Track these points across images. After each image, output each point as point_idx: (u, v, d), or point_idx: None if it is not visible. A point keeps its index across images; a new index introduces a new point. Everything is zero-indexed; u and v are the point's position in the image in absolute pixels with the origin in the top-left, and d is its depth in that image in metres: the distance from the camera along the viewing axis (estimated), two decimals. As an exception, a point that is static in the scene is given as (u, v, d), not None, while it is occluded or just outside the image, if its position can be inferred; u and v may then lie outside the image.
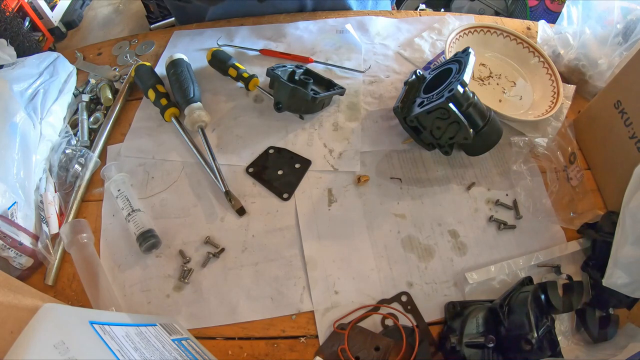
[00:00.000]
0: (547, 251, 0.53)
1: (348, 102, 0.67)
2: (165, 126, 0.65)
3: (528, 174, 0.59)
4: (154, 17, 1.84)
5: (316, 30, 0.77)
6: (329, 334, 0.48)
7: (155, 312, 0.51)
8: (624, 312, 0.49)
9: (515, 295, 0.47)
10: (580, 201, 0.57)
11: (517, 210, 0.56)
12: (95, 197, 0.60)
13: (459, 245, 0.54)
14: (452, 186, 0.58)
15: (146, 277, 0.53)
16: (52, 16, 1.68)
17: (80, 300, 0.52)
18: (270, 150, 0.62)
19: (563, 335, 0.48)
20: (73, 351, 0.29)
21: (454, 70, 0.56)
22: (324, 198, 0.57)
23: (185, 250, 0.54)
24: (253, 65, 0.71)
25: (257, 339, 0.49)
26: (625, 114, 0.52)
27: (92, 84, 0.72)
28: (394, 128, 0.63)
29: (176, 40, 0.78)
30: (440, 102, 0.51)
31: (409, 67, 0.71)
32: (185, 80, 0.64)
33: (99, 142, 0.63)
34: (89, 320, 0.34)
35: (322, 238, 0.54)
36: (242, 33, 0.78)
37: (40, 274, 0.54)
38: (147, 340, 0.38)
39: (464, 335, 0.44)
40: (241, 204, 0.57)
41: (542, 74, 0.67)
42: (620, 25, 0.62)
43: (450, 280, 0.51)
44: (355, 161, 0.60)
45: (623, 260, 0.43)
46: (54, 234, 0.55)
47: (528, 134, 0.62)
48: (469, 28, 0.69)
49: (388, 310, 0.49)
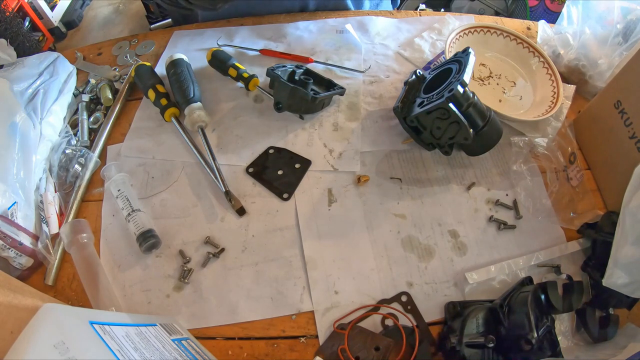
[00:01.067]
0: (547, 251, 0.53)
1: (348, 102, 0.67)
2: (165, 126, 0.65)
3: (528, 174, 0.59)
4: (154, 17, 1.84)
5: (316, 30, 0.77)
6: (329, 334, 0.48)
7: (155, 312, 0.51)
8: (624, 312, 0.49)
9: (515, 295, 0.47)
10: (580, 201, 0.57)
11: (517, 210, 0.56)
12: (95, 197, 0.60)
13: (459, 245, 0.54)
14: (452, 186, 0.58)
15: (146, 277, 0.53)
16: (52, 16, 1.68)
17: (80, 300, 0.52)
18: (270, 150, 0.62)
19: (563, 335, 0.48)
20: (73, 351, 0.29)
21: (454, 70, 0.56)
22: (324, 198, 0.58)
23: (185, 250, 0.54)
24: (253, 65, 0.71)
25: (257, 339, 0.49)
26: (625, 114, 0.52)
27: (92, 84, 0.72)
28: (394, 128, 0.63)
29: (176, 40, 0.78)
30: (440, 102, 0.51)
31: (409, 67, 0.71)
32: (185, 80, 0.64)
33: (99, 142, 0.63)
34: (89, 320, 0.34)
35: (322, 238, 0.54)
36: (242, 33, 0.78)
37: (40, 274, 0.54)
38: (147, 340, 0.38)
39: (464, 335, 0.44)
40: (241, 204, 0.57)
41: (542, 74, 0.67)
42: (620, 25, 0.62)
43: (450, 280, 0.51)
44: (355, 161, 0.60)
45: (623, 260, 0.43)
46: (54, 234, 0.54)
47: (528, 134, 0.62)
48: (469, 28, 0.69)
49: (388, 310, 0.49)
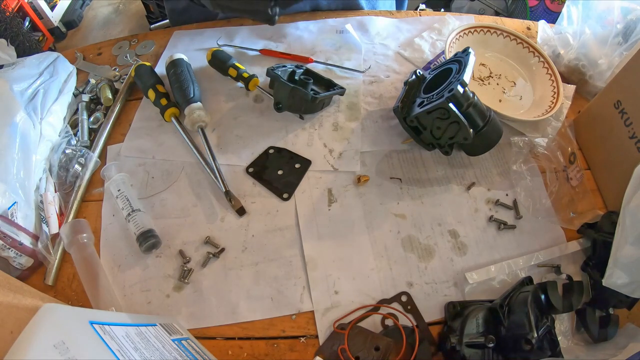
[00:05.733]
0: (547, 251, 0.53)
1: (348, 102, 0.67)
2: (165, 126, 0.65)
3: (528, 174, 0.59)
4: (154, 17, 1.84)
5: (316, 30, 0.77)
6: (329, 334, 0.48)
7: (155, 312, 0.51)
8: (624, 312, 0.49)
9: (515, 295, 0.47)
10: (580, 201, 0.57)
11: (517, 210, 0.56)
12: (95, 197, 0.60)
13: (459, 245, 0.54)
14: (452, 186, 0.58)
15: (146, 277, 0.53)
16: (52, 16, 1.69)
17: (80, 300, 0.52)
18: (270, 150, 0.62)
19: (563, 335, 0.48)
20: (73, 351, 0.29)
21: (454, 70, 0.56)
22: (324, 198, 0.58)
23: (185, 250, 0.54)
24: (253, 65, 0.71)
25: (257, 339, 0.49)
26: (625, 114, 0.52)
27: (92, 84, 0.72)
28: (394, 128, 0.63)
29: (176, 40, 0.78)
30: (440, 102, 0.51)
31: (409, 67, 0.71)
32: (185, 80, 0.64)
33: (99, 142, 0.63)
34: (89, 320, 0.34)
35: (322, 238, 0.54)
36: (242, 33, 0.78)
37: (40, 274, 0.54)
38: (147, 340, 0.38)
39: (464, 335, 0.44)
40: (241, 204, 0.57)
41: (542, 74, 0.67)
42: (620, 25, 0.62)
43: (450, 280, 0.51)
44: (355, 161, 0.60)
45: (623, 260, 0.43)
46: (54, 234, 0.54)
47: (528, 134, 0.62)
48: (469, 28, 0.69)
49: (388, 310, 0.49)
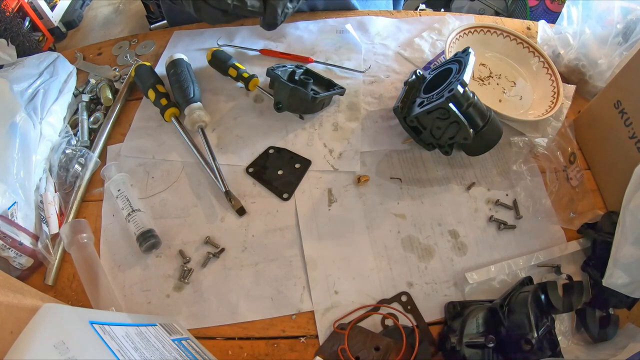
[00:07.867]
0: (547, 251, 0.53)
1: (348, 102, 0.67)
2: (165, 126, 0.65)
3: (528, 174, 0.59)
4: (154, 17, 1.84)
5: (316, 30, 0.77)
6: (329, 334, 0.48)
7: (155, 312, 0.51)
8: (624, 312, 0.49)
9: (515, 295, 0.47)
10: (580, 201, 0.57)
11: (517, 210, 0.56)
12: (95, 197, 0.60)
13: (459, 245, 0.54)
14: (452, 186, 0.58)
15: (146, 277, 0.53)
16: (52, 16, 1.69)
17: (80, 300, 0.52)
18: (270, 150, 0.62)
19: (563, 335, 0.48)
20: (73, 351, 0.29)
21: (454, 70, 0.56)
22: (324, 198, 0.58)
23: (185, 250, 0.54)
24: (253, 65, 0.71)
25: (257, 339, 0.49)
26: (625, 114, 0.52)
27: (92, 84, 0.72)
28: (394, 128, 0.63)
29: (176, 40, 0.78)
30: (440, 102, 0.51)
31: (409, 67, 0.71)
32: (185, 80, 0.64)
33: (99, 142, 0.63)
34: (89, 320, 0.34)
35: (322, 238, 0.54)
36: (242, 33, 0.78)
37: (40, 274, 0.54)
38: (147, 340, 0.38)
39: (464, 335, 0.44)
40: (241, 204, 0.57)
41: (542, 74, 0.67)
42: (620, 25, 0.62)
43: (450, 280, 0.51)
44: (355, 161, 0.60)
45: (623, 260, 0.43)
46: (54, 234, 0.54)
47: (528, 134, 0.62)
48: (469, 28, 0.69)
49: (388, 310, 0.49)
